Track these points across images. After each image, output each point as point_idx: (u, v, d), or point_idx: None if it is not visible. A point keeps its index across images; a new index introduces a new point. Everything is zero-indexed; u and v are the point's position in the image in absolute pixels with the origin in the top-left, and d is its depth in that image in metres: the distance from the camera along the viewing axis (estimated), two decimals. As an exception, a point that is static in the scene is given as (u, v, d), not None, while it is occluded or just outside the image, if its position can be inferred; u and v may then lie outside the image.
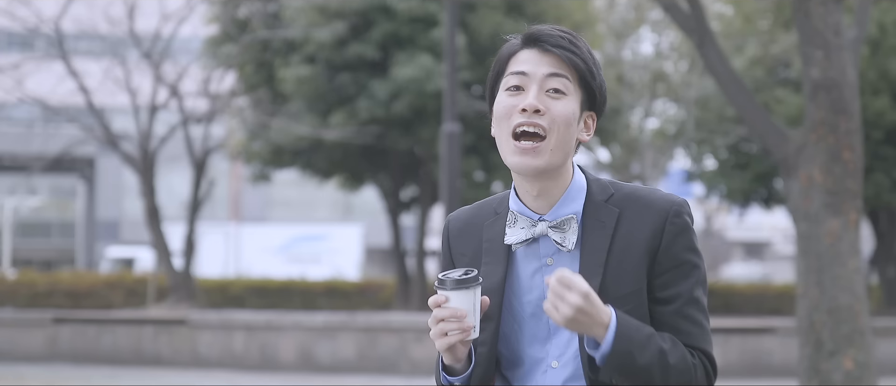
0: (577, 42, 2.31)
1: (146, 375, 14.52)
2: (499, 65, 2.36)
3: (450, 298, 2.24)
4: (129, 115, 21.43)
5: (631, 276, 2.29)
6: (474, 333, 2.26)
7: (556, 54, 2.30)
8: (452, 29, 14.34)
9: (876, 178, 18.24)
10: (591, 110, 2.35)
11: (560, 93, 2.29)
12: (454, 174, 13.91)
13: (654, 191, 2.36)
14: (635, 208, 2.32)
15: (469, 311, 2.25)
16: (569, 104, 2.30)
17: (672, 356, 2.25)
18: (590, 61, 2.31)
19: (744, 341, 15.12)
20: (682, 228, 2.32)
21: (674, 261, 2.31)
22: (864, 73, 17.17)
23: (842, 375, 7.26)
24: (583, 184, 2.37)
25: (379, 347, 15.06)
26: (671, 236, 2.31)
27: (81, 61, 21.19)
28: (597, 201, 2.34)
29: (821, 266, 7.38)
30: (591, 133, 2.37)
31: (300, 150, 20.63)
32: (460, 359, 2.32)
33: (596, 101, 2.34)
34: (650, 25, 24.14)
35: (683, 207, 2.33)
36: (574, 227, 2.32)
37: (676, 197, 2.33)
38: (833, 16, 7.31)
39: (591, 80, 2.31)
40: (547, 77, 2.30)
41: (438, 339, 2.26)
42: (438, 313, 2.24)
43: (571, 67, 2.30)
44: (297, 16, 19.41)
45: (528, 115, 2.28)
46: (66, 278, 21.71)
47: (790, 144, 7.59)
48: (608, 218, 2.32)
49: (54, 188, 45.14)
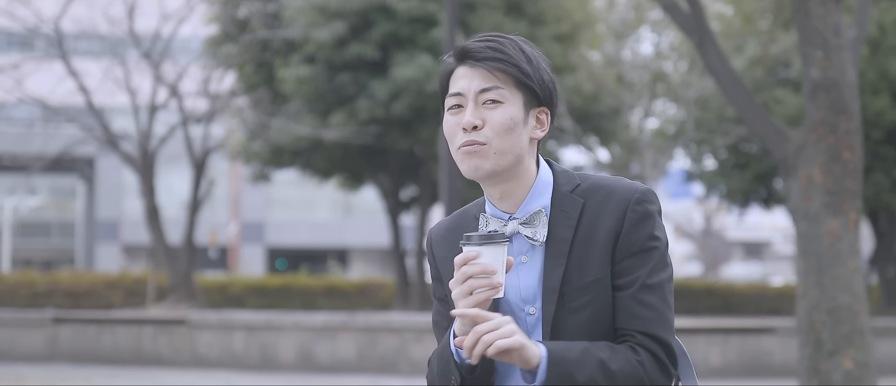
0: (505, 48, 2.36)
1: (146, 375, 14.51)
2: (441, 85, 2.43)
3: (480, 254, 2.24)
4: (128, 115, 21.44)
5: (594, 264, 2.33)
6: (501, 291, 2.26)
7: (485, 67, 2.36)
8: (452, 29, 14.34)
9: (876, 178, 18.24)
10: (539, 106, 2.39)
11: (496, 102, 2.35)
12: (454, 174, 13.91)
13: (619, 180, 2.40)
14: (599, 197, 2.36)
15: (498, 267, 2.25)
16: (506, 111, 2.35)
17: (614, 363, 2.27)
18: (522, 62, 2.35)
19: (744, 341, 15.11)
20: (642, 215, 2.34)
21: (633, 247, 2.33)
22: (863, 73, 17.18)
23: (841, 375, 7.26)
24: (549, 179, 2.41)
25: (379, 347, 15.05)
26: (631, 223, 2.33)
27: (81, 61, 21.20)
28: (563, 193, 2.39)
29: (821, 266, 7.38)
30: (546, 128, 2.41)
31: (300, 150, 20.63)
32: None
33: (540, 97, 2.38)
34: (650, 25, 24.12)
35: (646, 195, 2.36)
36: (543, 220, 2.36)
37: (640, 185, 2.37)
38: (833, 16, 7.31)
39: (527, 81, 2.36)
40: (479, 93, 2.36)
41: (464, 298, 2.25)
42: (468, 270, 2.24)
43: (503, 75, 2.35)
44: (296, 16, 19.41)
45: (469, 134, 2.35)
46: (65, 278, 21.70)
47: (790, 144, 7.59)
48: (573, 208, 2.36)
49: (54, 188, 45.14)
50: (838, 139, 7.35)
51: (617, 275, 2.33)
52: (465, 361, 2.31)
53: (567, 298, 2.31)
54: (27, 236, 43.54)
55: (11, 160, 26.67)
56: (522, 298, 2.36)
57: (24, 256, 41.56)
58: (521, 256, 2.38)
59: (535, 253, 2.37)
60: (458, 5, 16.03)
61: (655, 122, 24.60)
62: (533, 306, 2.36)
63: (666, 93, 23.67)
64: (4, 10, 19.90)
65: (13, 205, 39.57)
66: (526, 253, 2.37)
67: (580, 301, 2.32)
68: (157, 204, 19.72)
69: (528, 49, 2.38)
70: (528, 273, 2.37)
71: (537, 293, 2.35)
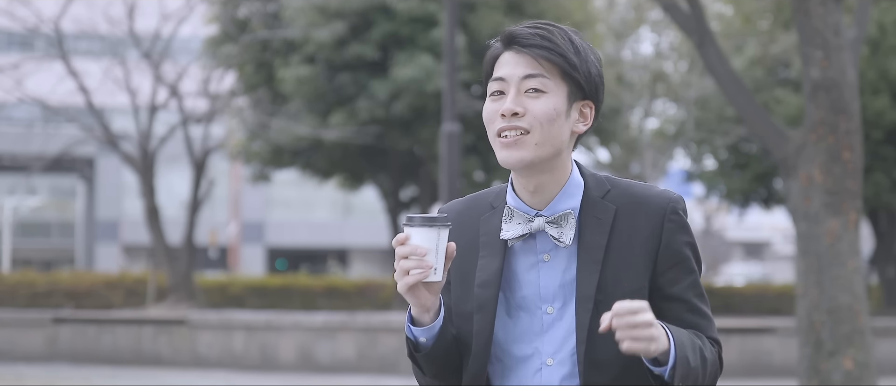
0: (553, 37, 2.32)
1: (146, 375, 14.51)
2: (485, 69, 2.40)
3: (411, 236, 2.23)
4: (128, 115, 21.43)
5: (631, 274, 2.31)
6: (435, 274, 2.24)
7: (531, 55, 2.32)
8: (452, 29, 14.33)
9: (876, 178, 18.23)
10: (584, 99, 2.36)
11: (539, 92, 2.31)
12: (454, 174, 13.91)
13: (650, 187, 2.38)
14: (632, 205, 2.35)
15: (431, 249, 2.23)
16: (549, 101, 2.31)
17: (706, 350, 2.32)
18: (569, 53, 2.32)
19: (744, 341, 15.11)
20: (680, 224, 2.35)
21: (676, 257, 2.34)
22: (863, 73, 17.17)
23: (841, 375, 7.26)
24: (580, 181, 2.38)
25: (378, 347, 15.06)
26: (670, 234, 2.34)
27: (81, 61, 21.20)
28: (593, 198, 2.36)
29: (820, 266, 7.38)
30: (589, 122, 2.37)
31: (300, 150, 20.63)
32: (428, 308, 2.30)
33: (585, 90, 2.35)
34: (650, 25, 24.15)
35: (679, 203, 2.37)
36: (571, 222, 2.33)
37: (672, 193, 2.37)
38: (833, 16, 7.31)
39: (572, 72, 2.32)
40: (523, 79, 2.32)
41: (400, 279, 2.24)
42: (400, 251, 2.24)
43: (549, 64, 2.32)
44: (296, 16, 19.40)
45: (508, 120, 2.31)
46: (65, 278, 21.70)
47: (790, 144, 7.59)
48: (605, 215, 2.34)
49: (54, 188, 45.13)
50: (838, 139, 7.35)
51: (663, 285, 2.34)
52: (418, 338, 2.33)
53: (602, 306, 2.28)
54: (27, 236, 43.54)
55: (11, 160, 26.70)
56: (541, 297, 2.34)
57: (24, 256, 41.54)
58: (543, 255, 2.36)
59: (559, 253, 2.35)
60: (458, 5, 16.03)
61: (655, 122, 24.63)
62: (551, 306, 2.34)
63: (666, 93, 23.70)
64: (4, 10, 19.90)
65: (13, 205, 39.56)
66: (549, 252, 2.35)
67: None
68: (157, 204, 19.72)
69: (577, 40, 2.34)
70: (549, 272, 2.35)
71: (557, 294, 2.34)
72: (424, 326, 2.32)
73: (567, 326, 2.32)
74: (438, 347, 2.33)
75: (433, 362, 2.35)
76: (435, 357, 2.34)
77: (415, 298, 2.28)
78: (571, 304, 2.32)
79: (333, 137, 19.23)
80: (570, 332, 2.32)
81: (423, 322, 2.32)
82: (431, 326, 2.31)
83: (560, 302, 2.33)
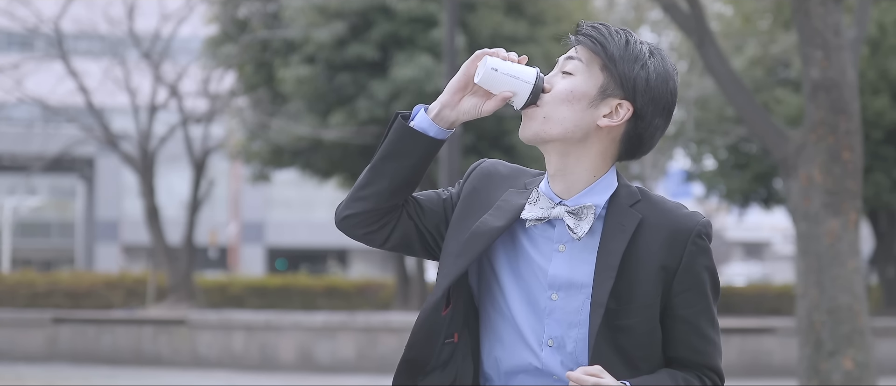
0: (603, 31, 2.37)
1: (146, 375, 14.52)
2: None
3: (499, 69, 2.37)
4: (128, 115, 21.43)
5: (644, 288, 2.33)
6: (515, 99, 2.37)
7: (578, 42, 2.39)
8: (452, 29, 14.34)
9: (876, 178, 18.23)
10: (623, 98, 2.36)
11: (568, 73, 2.38)
12: (454, 174, 13.92)
13: (681, 207, 2.40)
14: (659, 220, 2.36)
15: (517, 90, 2.36)
16: (573, 82, 2.36)
17: None
18: (612, 47, 2.34)
19: (743, 341, 15.12)
20: (702, 248, 2.36)
21: (693, 280, 2.36)
22: (863, 73, 17.16)
23: (841, 375, 7.25)
24: (613, 184, 2.39)
25: (378, 347, 15.06)
26: (692, 256, 2.35)
27: (81, 61, 21.20)
28: (621, 204, 2.37)
29: (820, 266, 7.38)
30: (619, 120, 2.36)
31: (300, 150, 20.62)
32: (452, 120, 2.42)
33: (624, 89, 2.35)
34: (650, 25, 24.13)
35: (706, 228, 2.38)
36: (590, 217, 2.35)
37: (702, 217, 2.38)
38: (833, 16, 7.30)
39: (610, 65, 2.34)
40: (563, 61, 2.40)
41: (481, 60, 2.41)
42: (495, 51, 2.40)
43: (588, 52, 2.37)
44: (296, 16, 19.40)
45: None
46: (65, 278, 21.71)
47: (790, 144, 7.58)
48: (629, 222, 2.35)
49: (54, 188, 45.13)
50: (838, 139, 7.34)
51: (676, 306, 2.35)
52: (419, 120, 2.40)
53: (612, 315, 2.31)
54: (27, 236, 43.53)
55: (11, 160, 26.69)
56: (549, 284, 2.36)
57: (23, 256, 41.53)
58: (559, 245, 2.37)
59: (574, 247, 2.37)
60: (458, 5, 16.03)
61: (655, 122, 24.56)
62: (556, 293, 2.36)
63: (666, 93, 23.63)
64: (4, 10, 19.91)
65: (13, 205, 39.55)
66: (565, 243, 2.37)
67: (625, 322, 2.33)
68: (157, 204, 19.72)
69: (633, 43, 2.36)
70: (562, 263, 2.36)
71: (564, 286, 2.35)
72: (431, 120, 2.41)
73: (569, 316, 2.35)
74: (420, 146, 2.39)
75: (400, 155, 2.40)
76: (409, 152, 2.40)
77: (460, 94, 2.41)
78: (577, 297, 2.34)
79: (333, 137, 19.22)
80: (572, 324, 2.34)
81: (437, 116, 2.41)
82: (440, 128, 2.40)
83: (565, 293, 2.36)
